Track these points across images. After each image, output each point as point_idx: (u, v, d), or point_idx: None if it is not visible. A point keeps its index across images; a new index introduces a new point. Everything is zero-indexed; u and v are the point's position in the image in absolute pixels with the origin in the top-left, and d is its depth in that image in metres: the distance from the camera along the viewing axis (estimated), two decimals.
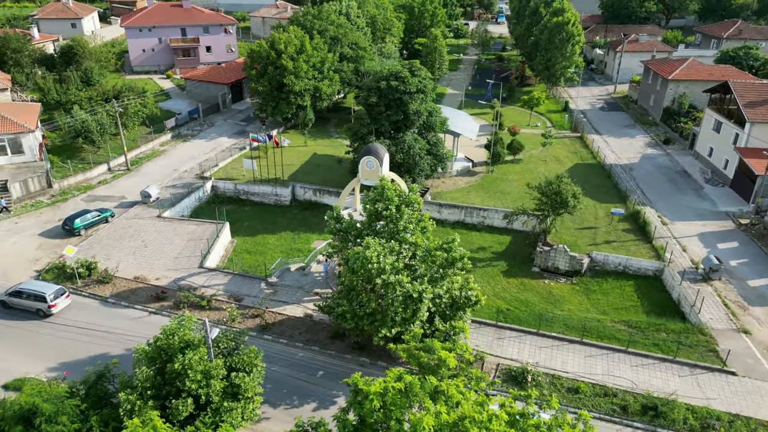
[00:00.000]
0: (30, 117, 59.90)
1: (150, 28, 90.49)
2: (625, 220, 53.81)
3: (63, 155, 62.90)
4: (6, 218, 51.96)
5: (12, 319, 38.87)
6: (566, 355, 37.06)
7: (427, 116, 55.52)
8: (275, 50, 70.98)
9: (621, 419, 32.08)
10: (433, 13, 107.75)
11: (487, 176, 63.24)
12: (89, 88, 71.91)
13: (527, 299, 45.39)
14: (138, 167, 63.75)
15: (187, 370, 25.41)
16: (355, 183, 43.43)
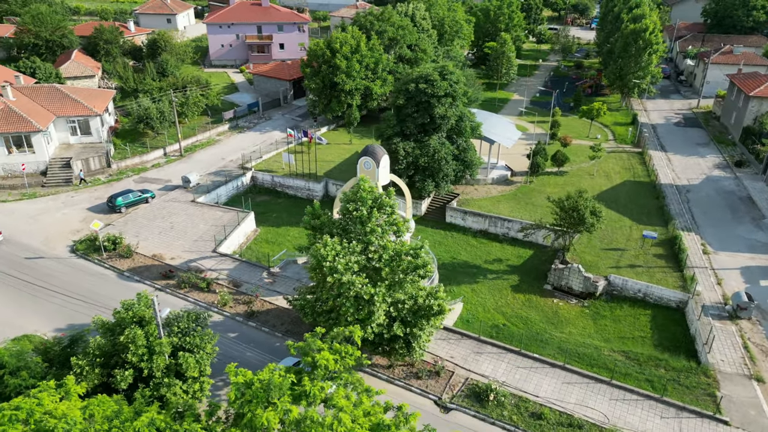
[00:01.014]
0: (100, 102, 66.02)
1: (229, 24, 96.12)
2: (660, 245, 49.84)
3: (128, 138, 68.65)
4: (65, 191, 57.76)
5: (34, 283, 43.31)
6: (543, 379, 35.27)
7: (457, 121, 54.59)
8: (330, 49, 72.85)
9: None
10: (509, 17, 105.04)
11: (524, 187, 61.05)
12: (164, 79, 77.75)
13: (528, 317, 43.56)
14: (191, 154, 68.17)
15: (129, 344, 27.24)
16: (351, 184, 43.98)
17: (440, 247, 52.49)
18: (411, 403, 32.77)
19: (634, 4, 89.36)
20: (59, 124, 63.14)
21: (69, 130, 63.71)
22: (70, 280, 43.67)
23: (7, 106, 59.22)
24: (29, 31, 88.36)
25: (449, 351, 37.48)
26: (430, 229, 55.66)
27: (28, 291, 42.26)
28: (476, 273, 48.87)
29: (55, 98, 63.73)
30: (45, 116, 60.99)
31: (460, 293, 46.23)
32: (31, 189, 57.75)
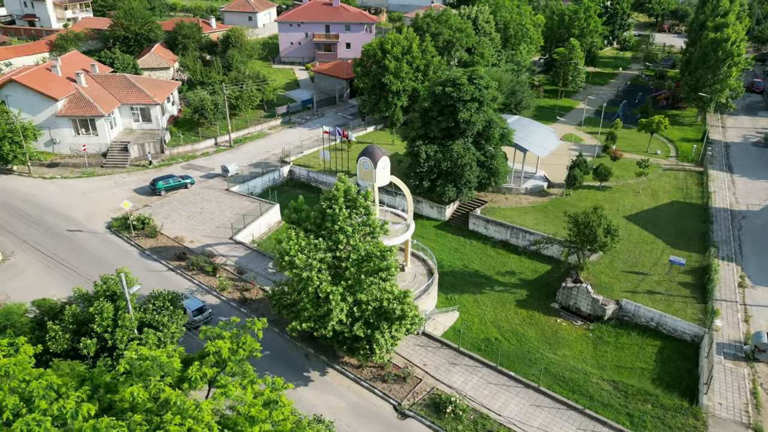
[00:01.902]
0: (162, 92, 71.06)
1: (299, 23, 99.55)
2: (689, 273, 45.95)
3: (185, 127, 73.34)
4: (120, 173, 62.87)
5: (67, 253, 47.65)
6: (512, 398, 33.91)
7: (484, 127, 53.31)
8: (382, 49, 73.60)
9: None
10: (585, 22, 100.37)
11: (558, 200, 58.47)
12: (228, 73, 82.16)
13: (525, 334, 41.92)
14: (240, 145, 71.61)
15: (95, 315, 29.53)
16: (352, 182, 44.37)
17: (455, 254, 51.66)
18: (371, 405, 33.05)
19: (722, 11, 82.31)
20: (124, 110, 68.71)
21: (132, 116, 69.14)
22: (98, 254, 47.63)
23: (79, 92, 65.36)
24: (121, 24, 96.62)
25: (424, 358, 36.99)
26: (450, 235, 54.88)
27: (59, 259, 46.60)
28: (484, 283, 47.64)
29: (123, 87, 69.41)
30: (110, 103, 66.63)
31: (461, 302, 45.35)
32: (91, 168, 63.36)
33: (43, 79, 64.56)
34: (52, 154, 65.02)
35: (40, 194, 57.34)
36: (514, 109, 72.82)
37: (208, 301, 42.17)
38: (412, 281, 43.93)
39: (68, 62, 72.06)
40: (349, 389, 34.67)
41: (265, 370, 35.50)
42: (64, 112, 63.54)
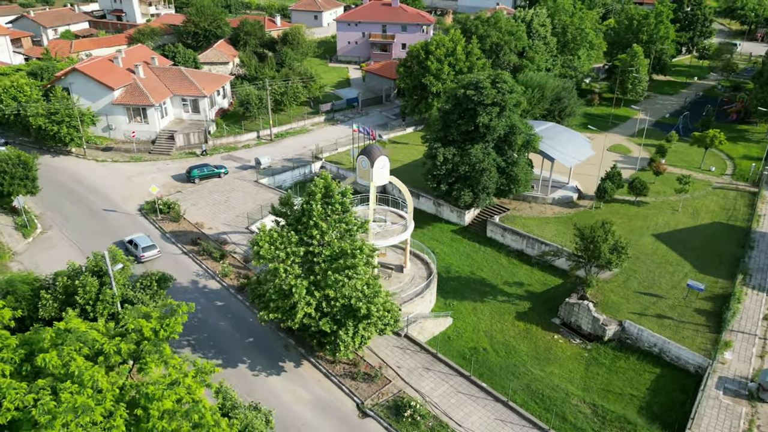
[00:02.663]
0: (212, 85, 74.71)
1: (357, 23, 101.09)
2: (708, 299, 42.62)
3: (232, 120, 76.67)
4: (164, 159, 66.83)
5: (100, 230, 51.35)
6: (477, 410, 33.09)
7: (506, 132, 51.94)
8: (425, 50, 73.54)
9: None
10: (655, 27, 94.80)
11: (586, 212, 55.94)
12: (281, 69, 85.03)
13: (516, 347, 40.66)
14: (280, 140, 73.98)
15: (79, 288, 31.87)
16: (350, 181, 44.64)
17: (465, 260, 50.82)
18: (335, 401, 33.51)
19: None
20: (175, 101, 72.90)
21: (183, 107, 73.22)
22: (125, 233, 50.99)
23: (135, 82, 70.10)
24: (192, 21, 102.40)
25: (401, 360, 36.82)
26: (466, 241, 54.02)
27: (91, 236, 50.35)
28: (488, 292, 46.58)
29: (176, 79, 73.63)
30: (162, 93, 70.91)
31: (460, 309, 44.64)
32: (139, 154, 67.79)
33: (103, 70, 69.78)
34: (108, 139, 70.13)
35: (89, 175, 62.11)
36: (558, 117, 70.30)
37: (210, 286, 44.11)
38: (410, 283, 43.79)
39: (132, 54, 77.38)
40: (318, 383, 35.19)
41: (243, 356, 36.97)
42: (119, 100, 68.37)
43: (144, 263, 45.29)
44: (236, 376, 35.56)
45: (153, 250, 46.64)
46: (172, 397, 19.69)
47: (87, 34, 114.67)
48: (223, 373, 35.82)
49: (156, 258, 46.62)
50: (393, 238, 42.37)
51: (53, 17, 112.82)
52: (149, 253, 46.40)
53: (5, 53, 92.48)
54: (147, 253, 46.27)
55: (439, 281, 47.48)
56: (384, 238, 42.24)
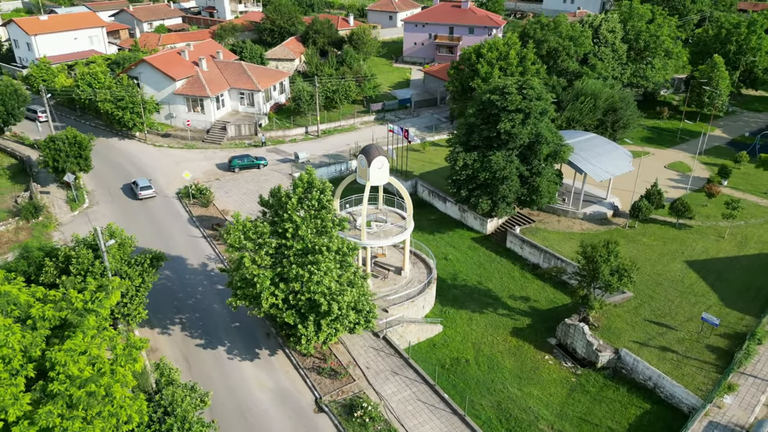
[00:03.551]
0: (268, 81, 77.89)
1: (424, 24, 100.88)
2: (725, 336, 38.66)
3: (286, 114, 79.47)
4: (214, 148, 70.69)
5: (137, 208, 55.41)
6: (432, 421, 32.38)
7: (532, 141, 49.88)
8: (477, 53, 72.30)
9: None
10: (746, 38, 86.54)
11: (619, 231, 52.49)
12: (340, 68, 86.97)
13: (500, 363, 39.18)
14: (327, 136, 75.71)
15: (73, 258, 34.79)
16: (349, 179, 44.79)
17: (476, 269, 49.51)
18: (296, 393, 34.36)
19: None
20: (233, 94, 76.80)
21: (239, 100, 76.98)
22: (157, 213, 54.75)
23: (197, 74, 74.65)
24: (269, 18, 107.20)
25: (371, 361, 36.73)
26: (483, 250, 52.58)
27: (129, 214, 54.51)
28: (490, 304, 45.14)
29: (236, 73, 77.51)
30: (220, 86, 74.95)
31: (456, 317, 43.67)
32: (193, 141, 72.18)
33: (169, 62, 74.91)
34: (169, 126, 75.23)
35: (144, 158, 67.08)
36: (611, 128, 66.31)
37: (217, 270, 46.23)
38: (405, 286, 43.49)
39: (200, 49, 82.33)
40: (286, 373, 35.96)
41: (225, 339, 38.59)
42: (180, 90, 73.13)
43: (142, 200, 56.93)
44: (212, 357, 37.21)
45: (149, 190, 57.36)
46: (79, 365, 21.19)
47: (179, 28, 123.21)
48: (201, 352, 37.75)
49: (151, 197, 57.49)
50: (389, 239, 42.24)
51: (149, 12, 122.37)
52: (145, 192, 57.09)
53: (101, 43, 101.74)
54: (144, 192, 57.02)
55: (442, 288, 46.76)
56: (380, 238, 42.25)
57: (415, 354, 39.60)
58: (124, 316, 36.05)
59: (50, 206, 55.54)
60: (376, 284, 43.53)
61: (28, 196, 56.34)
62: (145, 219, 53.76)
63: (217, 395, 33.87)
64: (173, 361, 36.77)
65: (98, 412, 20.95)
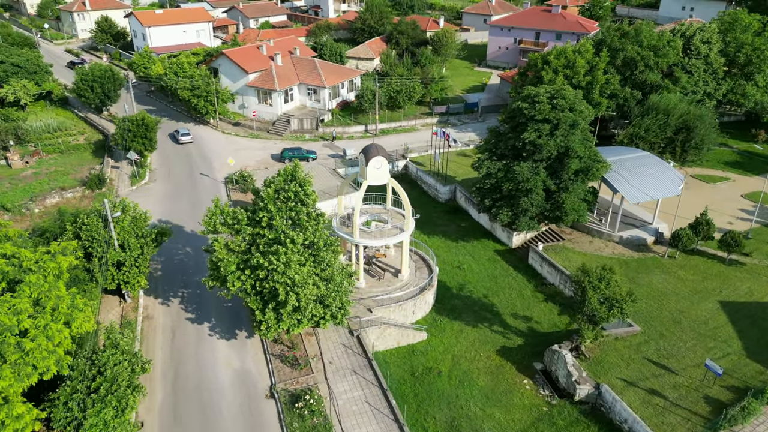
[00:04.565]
0: (336, 78, 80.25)
1: (509, 28, 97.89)
2: (731, 390, 34.10)
3: (351, 111, 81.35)
4: (274, 140, 74.35)
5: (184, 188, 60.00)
6: (370, 424, 32.23)
7: (561, 154, 46.99)
8: (544, 60, 69.33)
9: None
10: None
11: (656, 260, 47.96)
12: (414, 68, 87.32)
13: (474, 379, 37.75)
14: (384, 135, 76.47)
15: (82, 225, 38.82)
16: (351, 178, 44.85)
17: (487, 282, 47.79)
18: (254, 376, 36.23)
19: None
20: (302, 89, 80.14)
21: (307, 95, 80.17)
22: (201, 195, 58.91)
23: (271, 69, 78.87)
24: (360, 18, 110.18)
25: (336, 357, 37.08)
26: (503, 263, 50.61)
27: (178, 193, 59.27)
28: (488, 319, 43.44)
29: (307, 69, 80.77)
30: (290, 81, 78.54)
31: (443, 327, 42.65)
32: (258, 131, 76.42)
33: (246, 56, 79.83)
34: (241, 115, 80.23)
35: (209, 144, 72.28)
36: (680, 148, 60.35)
37: None
38: (400, 289, 43.21)
39: (280, 45, 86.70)
40: (254, 357, 37.45)
41: (212, 317, 41.16)
42: (252, 83, 77.71)
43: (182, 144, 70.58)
44: (196, 332, 39.69)
45: (188, 137, 71.59)
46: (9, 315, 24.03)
47: (282, 25, 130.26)
48: (188, 326, 40.39)
49: (189, 142, 71.29)
50: (384, 239, 42.21)
51: (256, 9, 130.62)
52: (185, 138, 71.13)
53: (207, 37, 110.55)
54: (183, 138, 70.96)
55: (445, 296, 45.86)
56: (375, 238, 42.34)
57: (391, 358, 39.42)
58: (124, 282, 39.59)
59: (115, 180, 61.93)
60: (371, 284, 43.72)
61: (99, 169, 63.22)
62: (187, 199, 58.12)
63: (184, 368, 36.27)
64: (162, 331, 39.86)
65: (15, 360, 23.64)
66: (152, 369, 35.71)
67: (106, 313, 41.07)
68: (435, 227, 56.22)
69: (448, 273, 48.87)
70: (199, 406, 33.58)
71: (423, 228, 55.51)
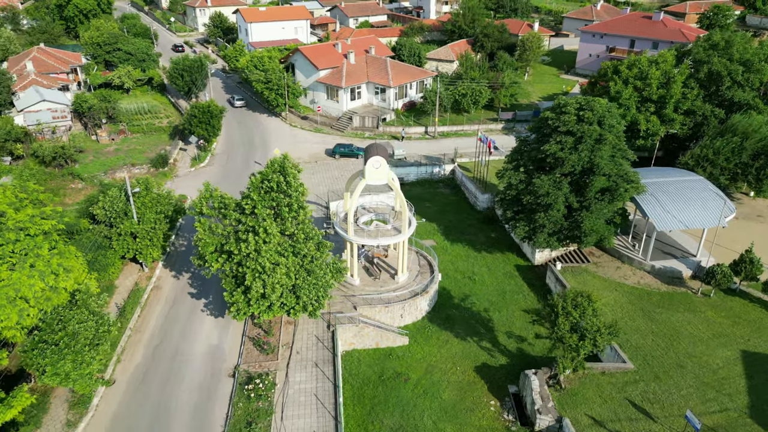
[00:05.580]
0: (404, 78, 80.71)
1: (602, 35, 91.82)
2: None
3: (415, 113, 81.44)
4: (334, 135, 76.54)
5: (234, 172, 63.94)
6: (309, 415, 32.85)
7: (584, 169, 43.78)
8: (615, 70, 64.82)
9: None
10: None
11: (686, 296, 43.20)
12: (490, 72, 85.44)
13: (438, 392, 36.68)
14: (443, 138, 75.73)
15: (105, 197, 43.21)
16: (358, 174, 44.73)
17: (494, 297, 45.85)
18: (225, 355, 38.03)
19: None
20: (370, 87, 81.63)
21: (374, 93, 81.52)
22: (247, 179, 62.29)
23: (342, 66, 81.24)
24: (452, 20, 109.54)
25: (305, 347, 37.88)
26: (519, 280, 48.29)
27: (230, 177, 63.34)
28: (478, 333, 41.87)
29: (377, 68, 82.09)
30: (358, 79, 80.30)
31: (430, 335, 41.75)
32: (321, 126, 79.10)
33: (321, 53, 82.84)
34: (310, 110, 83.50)
35: (273, 134, 76.20)
36: (755, 175, 53.40)
37: None
38: (393, 291, 43.01)
39: (357, 43, 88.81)
40: (233, 336, 39.39)
41: (210, 294, 43.91)
42: (321, 79, 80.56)
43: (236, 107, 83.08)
44: (191, 305, 42.60)
45: (241, 101, 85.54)
46: None
47: (381, 25, 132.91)
48: (187, 299, 43.38)
49: (243, 106, 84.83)
50: (379, 239, 42.21)
51: (357, 9, 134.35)
52: (239, 102, 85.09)
53: (304, 34, 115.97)
54: (237, 102, 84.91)
55: (445, 305, 44.95)
56: (370, 237, 42.48)
57: (365, 357, 39.48)
58: (138, 252, 43.45)
59: (179, 161, 67.52)
60: (366, 282, 43.96)
61: (168, 150, 69.26)
62: (235, 184, 61.65)
63: (168, 337, 39.18)
64: (164, 301, 43.23)
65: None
66: (141, 334, 39.04)
67: (125, 278, 45.26)
68: (462, 235, 54.83)
69: (457, 282, 47.62)
70: (166, 373, 36.12)
71: (449, 234, 54.55)
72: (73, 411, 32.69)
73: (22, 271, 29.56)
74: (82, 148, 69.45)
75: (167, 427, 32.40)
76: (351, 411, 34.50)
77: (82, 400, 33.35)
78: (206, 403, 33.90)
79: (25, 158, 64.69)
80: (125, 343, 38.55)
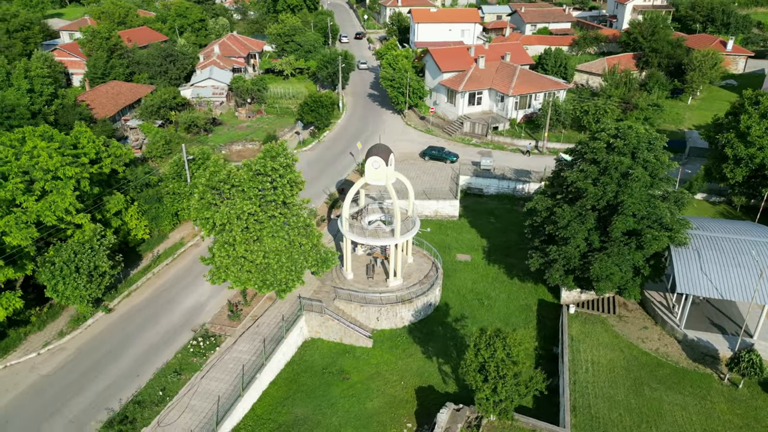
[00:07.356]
0: (527, 88, 76.36)
1: None
2: None
3: (535, 125, 76.82)
4: (442, 137, 76.38)
5: (323, 161, 68.34)
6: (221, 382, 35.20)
7: (608, 204, 37.84)
8: (754, 99, 53.86)
9: None
10: None
11: (704, 378, 35.11)
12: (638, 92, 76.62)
13: (366, 400, 36.31)
14: (549, 155, 70.14)
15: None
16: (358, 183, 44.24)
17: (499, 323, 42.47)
18: (204, 313, 42.59)
19: None
20: (492, 94, 79.30)
21: (496, 101, 79.00)
22: (327, 167, 66.32)
23: (468, 70, 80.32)
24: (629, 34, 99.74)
25: (268, 323, 40.18)
26: (532, 314, 44.23)
27: (319, 164, 67.94)
28: (448, 356, 39.69)
29: (505, 75, 79.15)
30: (479, 84, 78.50)
31: (397, 344, 40.93)
32: (434, 128, 79.28)
33: (450, 56, 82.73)
34: (429, 111, 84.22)
35: (386, 130, 78.64)
36: None
37: None
38: (379, 293, 43.01)
39: (496, 48, 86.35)
40: (222, 296, 43.55)
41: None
42: (444, 81, 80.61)
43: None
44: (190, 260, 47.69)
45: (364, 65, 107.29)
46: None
47: (562, 33, 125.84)
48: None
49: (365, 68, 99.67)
50: (375, 239, 42.41)
51: (537, 14, 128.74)
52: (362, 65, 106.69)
53: (470, 37, 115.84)
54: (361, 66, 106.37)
55: (434, 319, 43.59)
56: (365, 236, 42.91)
57: (325, 348, 40.69)
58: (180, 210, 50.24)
59: (288, 141, 74.36)
60: (358, 279, 44.61)
61: (284, 131, 76.65)
62: (324, 169, 66.11)
63: (173, 287, 45.00)
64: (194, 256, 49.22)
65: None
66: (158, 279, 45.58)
67: (178, 233, 52.64)
68: (505, 257, 51.15)
69: (463, 302, 45.29)
70: (151, 315, 41.85)
71: (492, 254, 51.71)
72: (68, 325, 40.08)
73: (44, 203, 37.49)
74: (221, 120, 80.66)
75: (121, 355, 37.90)
76: (273, 391, 36.07)
77: (79, 318, 40.62)
78: (160, 347, 38.61)
79: (175, 123, 77.63)
80: (142, 283, 45.36)
